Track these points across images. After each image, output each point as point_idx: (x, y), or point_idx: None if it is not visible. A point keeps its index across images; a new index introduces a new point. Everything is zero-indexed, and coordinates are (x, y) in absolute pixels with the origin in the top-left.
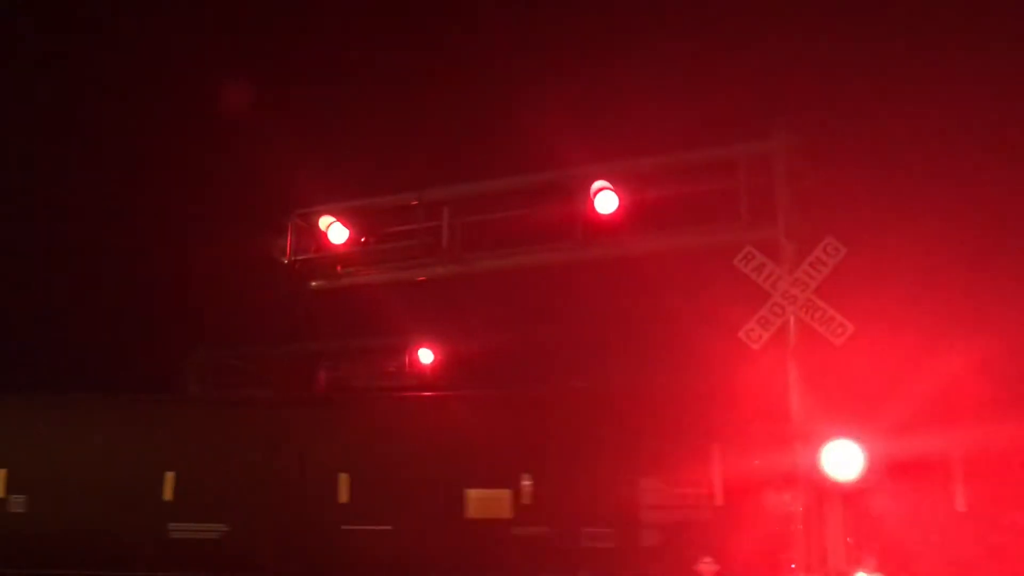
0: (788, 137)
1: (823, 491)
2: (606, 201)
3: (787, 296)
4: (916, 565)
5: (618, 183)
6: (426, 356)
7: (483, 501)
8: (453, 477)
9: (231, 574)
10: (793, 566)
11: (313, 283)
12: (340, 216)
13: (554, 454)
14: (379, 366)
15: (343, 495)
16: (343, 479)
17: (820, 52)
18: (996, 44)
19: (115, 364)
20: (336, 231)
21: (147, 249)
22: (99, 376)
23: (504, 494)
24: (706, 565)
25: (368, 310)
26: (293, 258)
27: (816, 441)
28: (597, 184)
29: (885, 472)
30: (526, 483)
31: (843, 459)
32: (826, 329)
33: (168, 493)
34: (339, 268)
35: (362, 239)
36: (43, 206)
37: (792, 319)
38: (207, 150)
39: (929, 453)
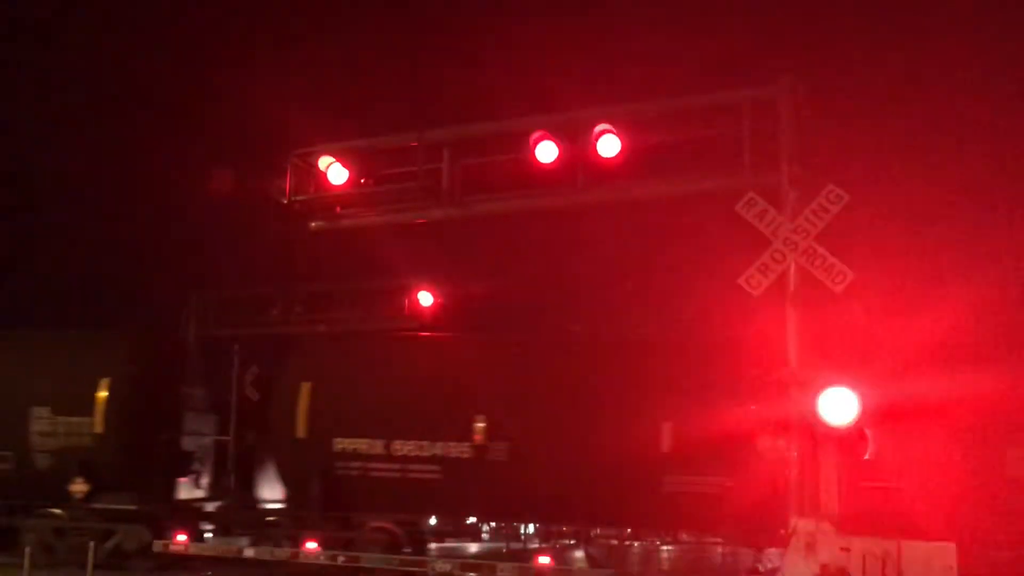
0: (793, 83)
1: (817, 437)
2: (608, 145)
3: (788, 243)
4: (909, 512)
5: (621, 127)
6: (425, 299)
7: None
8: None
9: (730, 532)
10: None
11: (312, 224)
12: (340, 157)
13: None
14: (379, 308)
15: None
16: (869, 436)
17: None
18: None
19: (116, 304)
20: (336, 172)
21: (145, 189)
22: (99, 316)
23: None
24: None
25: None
26: (292, 198)
27: (812, 388)
28: (600, 127)
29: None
30: None
31: (838, 405)
32: (826, 276)
33: (665, 444)
34: (338, 209)
35: (362, 180)
36: (42, 147)
37: (792, 266)
38: (207, 89)
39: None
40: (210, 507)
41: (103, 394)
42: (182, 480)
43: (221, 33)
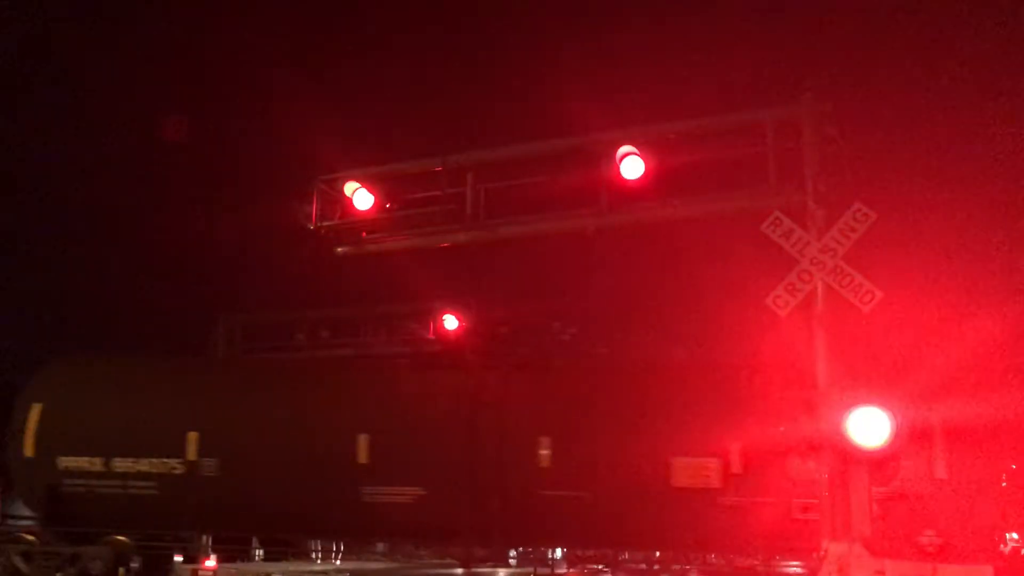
0: (817, 101)
1: (848, 457)
2: (632, 167)
3: (815, 262)
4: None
5: (644, 148)
6: (450, 323)
7: None
8: None
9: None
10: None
11: (339, 249)
12: (365, 182)
13: None
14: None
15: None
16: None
17: (849, 16)
18: None
19: (145, 328)
20: (361, 197)
21: (174, 215)
22: (130, 340)
23: None
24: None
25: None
26: (319, 224)
27: (841, 407)
28: (623, 149)
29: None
30: None
31: (869, 426)
32: (854, 295)
33: None
34: (364, 234)
35: (387, 205)
36: (72, 173)
37: (820, 285)
38: (233, 117)
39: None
40: None
41: None
42: None
43: (250, 60)
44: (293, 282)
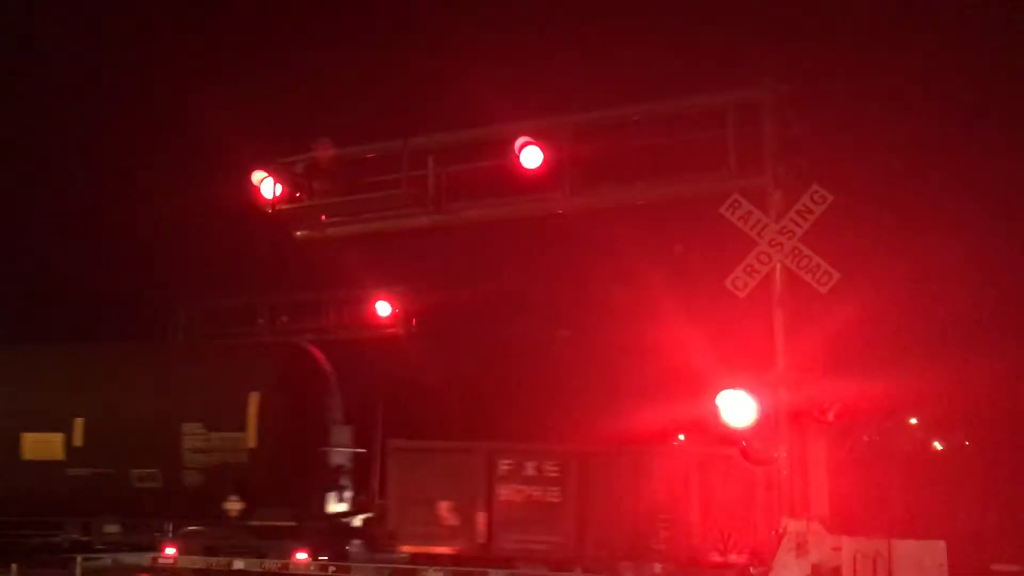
0: (776, 85)
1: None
2: (592, 149)
3: (773, 244)
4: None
5: (604, 131)
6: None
7: None
8: None
9: None
10: None
11: (298, 233)
12: (324, 164)
13: None
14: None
15: None
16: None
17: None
18: None
19: (104, 315)
20: (320, 180)
21: (128, 201)
22: (89, 328)
23: None
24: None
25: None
26: (277, 207)
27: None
28: (583, 131)
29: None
30: None
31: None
32: (812, 277)
33: None
34: (324, 217)
35: (347, 188)
36: (24, 156)
37: (778, 267)
38: (189, 98)
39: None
40: (356, 521)
41: (255, 408)
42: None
43: (207, 42)
44: (253, 267)
